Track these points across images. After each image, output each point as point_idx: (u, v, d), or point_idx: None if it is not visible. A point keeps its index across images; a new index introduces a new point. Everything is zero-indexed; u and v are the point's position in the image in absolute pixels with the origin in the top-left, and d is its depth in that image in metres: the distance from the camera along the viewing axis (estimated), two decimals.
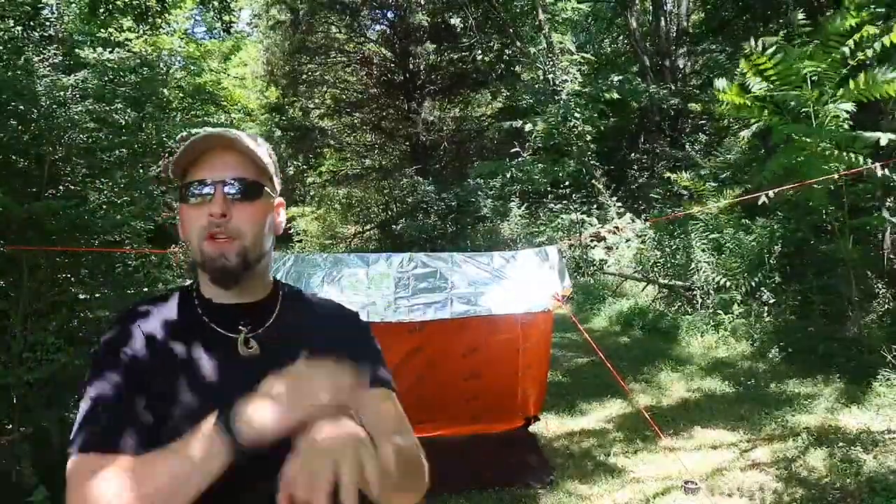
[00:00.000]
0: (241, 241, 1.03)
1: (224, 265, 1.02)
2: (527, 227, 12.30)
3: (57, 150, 3.96)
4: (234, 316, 1.08)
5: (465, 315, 3.55)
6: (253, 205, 1.05)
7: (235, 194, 1.03)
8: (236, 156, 1.05)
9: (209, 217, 1.01)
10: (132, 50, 7.76)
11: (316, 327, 1.15)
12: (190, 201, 1.04)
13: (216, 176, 1.03)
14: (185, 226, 1.05)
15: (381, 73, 19.19)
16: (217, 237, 1.02)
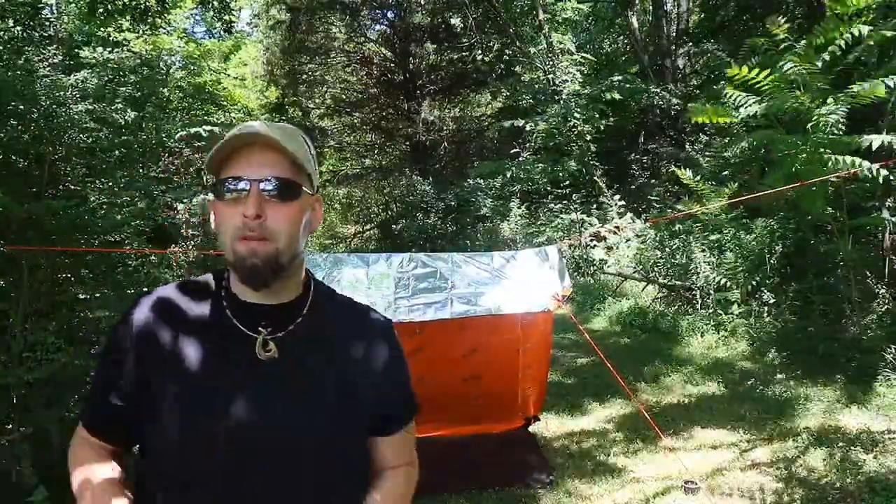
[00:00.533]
0: (275, 243, 1.00)
1: (255, 265, 0.99)
2: (527, 227, 12.30)
3: (57, 150, 3.96)
4: (258, 316, 1.05)
5: (466, 315, 3.55)
6: (289, 206, 1.02)
7: (271, 193, 1.00)
8: (274, 153, 1.02)
9: (243, 217, 0.98)
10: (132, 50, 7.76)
11: (343, 336, 1.11)
12: (225, 198, 1.01)
13: (252, 174, 1.00)
14: (218, 222, 1.03)
15: (381, 73, 19.18)
16: (250, 238, 0.99)
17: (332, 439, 1.03)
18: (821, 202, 5.38)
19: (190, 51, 10.86)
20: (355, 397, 1.07)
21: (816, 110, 5.09)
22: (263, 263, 0.99)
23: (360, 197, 20.55)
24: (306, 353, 1.05)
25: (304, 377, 1.04)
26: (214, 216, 1.05)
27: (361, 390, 1.08)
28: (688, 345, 6.87)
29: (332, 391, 1.05)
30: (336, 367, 1.07)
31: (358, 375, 1.08)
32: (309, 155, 1.08)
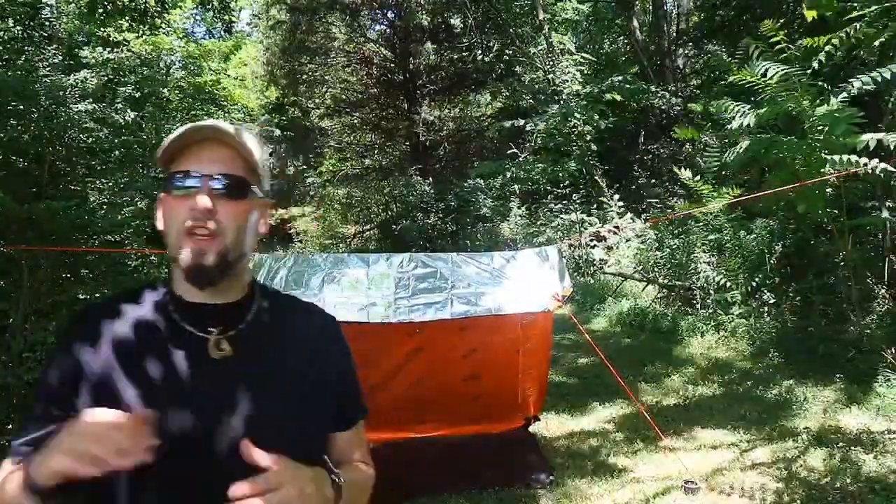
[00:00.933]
0: (222, 240, 0.98)
1: (201, 263, 0.97)
2: (527, 227, 12.30)
3: (57, 150, 3.97)
4: (206, 316, 1.02)
5: (466, 315, 3.55)
6: (238, 203, 1.01)
7: (221, 190, 0.99)
8: (227, 150, 1.01)
9: (191, 211, 0.97)
10: (132, 50, 7.76)
11: (293, 333, 1.10)
12: (173, 192, 0.99)
13: (203, 169, 0.99)
14: (166, 217, 1.01)
15: (381, 73, 19.19)
16: (198, 233, 0.97)
17: (294, 436, 1.00)
18: (820, 203, 5.39)
19: (190, 51, 10.85)
20: (312, 393, 1.07)
21: (815, 110, 5.09)
22: (210, 261, 0.97)
23: (360, 197, 20.54)
24: (260, 350, 1.04)
25: (262, 374, 1.03)
26: (162, 211, 1.03)
27: (317, 386, 1.08)
28: (688, 345, 6.86)
29: (291, 387, 1.04)
30: (291, 364, 1.06)
31: (312, 372, 1.08)
32: (263, 157, 1.06)
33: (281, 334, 1.08)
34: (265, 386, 1.02)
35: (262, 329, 1.06)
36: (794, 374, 5.48)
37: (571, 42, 13.63)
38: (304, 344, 1.10)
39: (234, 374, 1.00)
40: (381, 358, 3.94)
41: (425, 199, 14.90)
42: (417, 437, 4.38)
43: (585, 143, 11.88)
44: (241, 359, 1.01)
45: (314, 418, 1.07)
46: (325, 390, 1.09)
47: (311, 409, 1.06)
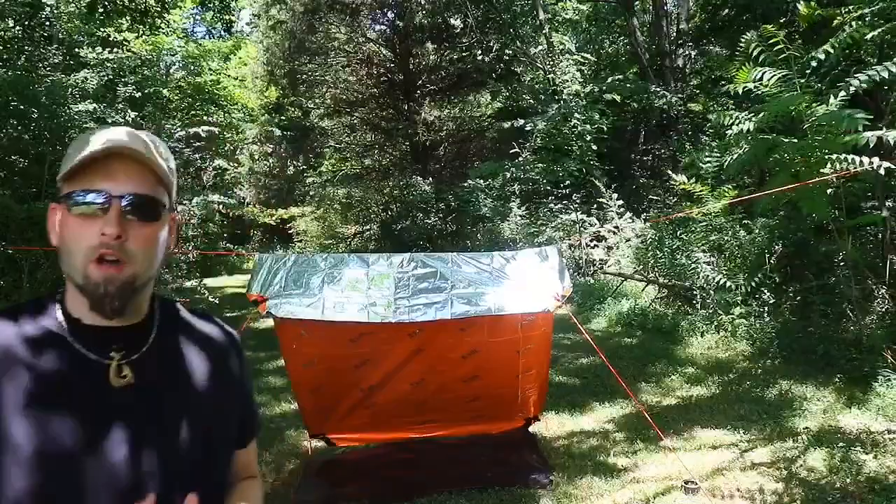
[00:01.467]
0: (133, 267, 0.91)
1: (108, 292, 0.90)
2: (527, 227, 12.30)
3: (57, 150, 3.96)
4: (105, 339, 0.93)
5: (466, 315, 3.55)
6: (151, 226, 0.93)
7: (134, 211, 0.91)
8: (139, 166, 0.92)
9: (101, 236, 0.89)
10: (132, 50, 7.76)
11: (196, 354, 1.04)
12: (77, 210, 0.90)
13: (114, 188, 0.90)
14: (66, 237, 0.91)
15: (381, 73, 19.19)
16: (107, 259, 0.89)
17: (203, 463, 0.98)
18: (822, 203, 5.39)
19: (190, 50, 10.86)
20: (217, 416, 1.03)
21: (814, 109, 5.09)
22: (119, 290, 0.90)
23: (360, 197, 20.56)
24: (163, 375, 0.98)
25: (167, 401, 0.97)
26: (58, 228, 0.94)
27: (221, 408, 1.04)
28: (688, 345, 6.87)
29: (196, 412, 0.99)
30: (195, 388, 1.01)
31: (216, 394, 1.03)
32: (172, 168, 0.98)
33: (184, 356, 1.02)
34: (171, 414, 0.96)
35: (165, 351, 0.99)
36: (794, 374, 5.48)
37: (571, 42, 13.62)
38: (207, 365, 1.04)
39: (138, 403, 0.93)
40: (381, 358, 3.94)
41: (425, 199, 14.90)
42: (417, 437, 4.38)
43: (585, 143, 11.88)
44: (143, 385, 0.94)
45: (220, 441, 1.03)
46: (230, 412, 1.06)
47: (217, 432, 1.02)
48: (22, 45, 4.90)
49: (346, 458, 4.37)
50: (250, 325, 5.71)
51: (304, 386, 3.96)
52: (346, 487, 3.85)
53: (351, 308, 3.45)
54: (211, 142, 10.05)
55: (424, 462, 4.15)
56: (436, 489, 3.67)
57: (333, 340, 3.77)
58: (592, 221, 10.83)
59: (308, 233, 21.88)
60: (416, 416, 4.28)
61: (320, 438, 4.36)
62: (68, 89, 4.19)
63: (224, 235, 14.79)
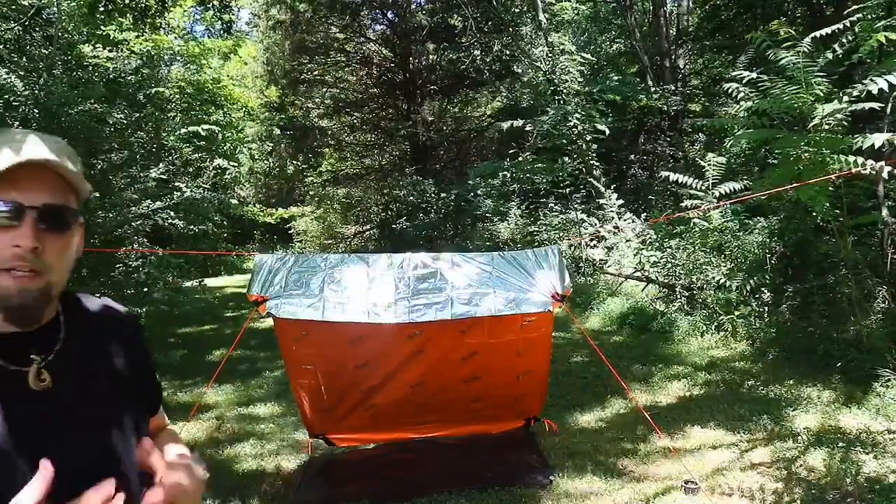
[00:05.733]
0: (47, 277, 0.90)
1: (23, 303, 0.88)
2: (527, 227, 12.30)
3: None
4: (17, 345, 0.91)
5: (466, 316, 3.55)
6: (64, 236, 0.93)
7: (48, 223, 0.89)
8: (49, 175, 0.90)
9: (14, 248, 0.87)
10: (132, 49, 7.76)
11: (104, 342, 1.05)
12: None
13: (26, 199, 0.88)
14: None
15: (381, 73, 19.21)
16: (20, 272, 0.87)
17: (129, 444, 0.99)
18: (824, 200, 5.37)
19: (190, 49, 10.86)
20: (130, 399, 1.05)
21: (818, 108, 5.09)
22: (35, 300, 0.90)
23: (360, 197, 20.56)
24: (78, 372, 0.97)
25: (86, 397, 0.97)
26: None
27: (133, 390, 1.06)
28: (687, 345, 6.87)
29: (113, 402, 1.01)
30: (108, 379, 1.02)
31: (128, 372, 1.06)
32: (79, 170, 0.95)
33: (93, 348, 1.03)
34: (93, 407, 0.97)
35: (75, 347, 0.99)
36: (794, 374, 5.48)
37: (571, 42, 13.60)
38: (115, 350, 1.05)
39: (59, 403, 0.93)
40: (381, 359, 3.94)
41: (425, 199, 14.90)
42: (417, 437, 4.38)
43: (585, 143, 11.88)
44: (61, 385, 0.93)
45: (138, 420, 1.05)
46: (140, 387, 1.09)
47: (134, 414, 1.04)
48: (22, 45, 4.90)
49: (346, 458, 4.37)
50: (250, 325, 5.71)
51: (304, 386, 3.96)
52: (346, 487, 3.86)
53: (351, 309, 3.45)
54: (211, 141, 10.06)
55: (424, 462, 4.15)
56: (436, 489, 3.68)
57: (333, 341, 3.77)
58: (592, 221, 10.82)
59: (308, 233, 21.88)
60: (416, 416, 4.28)
61: (320, 438, 4.36)
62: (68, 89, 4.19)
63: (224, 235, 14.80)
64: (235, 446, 4.57)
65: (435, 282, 3.60)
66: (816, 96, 5.09)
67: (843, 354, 5.34)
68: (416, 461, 4.17)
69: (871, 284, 5.71)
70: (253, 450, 4.48)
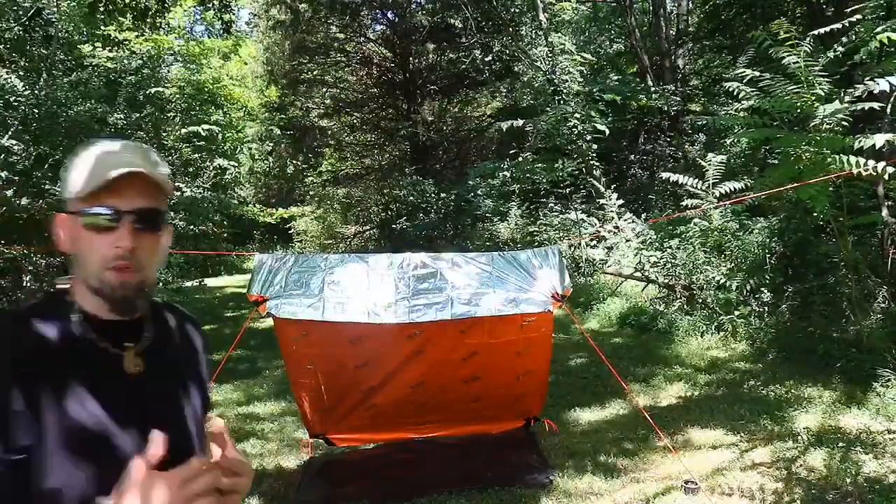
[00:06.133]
0: (142, 273, 1.04)
1: (125, 296, 1.02)
2: (527, 227, 12.29)
3: (57, 151, 3.97)
4: (118, 332, 1.05)
5: (466, 316, 3.55)
6: (156, 236, 1.05)
7: (143, 225, 1.02)
8: (144, 183, 1.02)
9: (115, 249, 1.00)
10: (133, 49, 7.76)
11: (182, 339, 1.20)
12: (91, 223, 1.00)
13: (124, 205, 1.00)
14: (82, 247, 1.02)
15: (381, 73, 19.20)
16: (121, 268, 1.00)
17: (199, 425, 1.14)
18: (824, 200, 5.37)
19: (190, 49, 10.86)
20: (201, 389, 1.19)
21: (819, 108, 5.09)
22: (133, 293, 1.03)
23: (360, 197, 20.56)
24: (165, 360, 1.11)
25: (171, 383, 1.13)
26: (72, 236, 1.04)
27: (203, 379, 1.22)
28: (687, 345, 6.87)
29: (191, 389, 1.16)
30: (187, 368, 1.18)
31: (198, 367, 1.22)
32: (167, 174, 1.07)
33: (175, 342, 1.18)
34: (176, 393, 1.12)
35: (162, 340, 1.13)
36: (794, 374, 5.48)
37: (571, 42, 13.61)
38: (189, 346, 1.22)
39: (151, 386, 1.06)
40: (381, 359, 3.94)
41: (425, 199, 14.90)
42: (417, 437, 4.38)
43: (585, 143, 11.88)
44: (151, 371, 1.06)
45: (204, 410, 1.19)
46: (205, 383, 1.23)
47: (201, 403, 1.18)
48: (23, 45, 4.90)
49: (346, 458, 4.37)
50: (250, 325, 5.71)
51: (304, 386, 3.96)
52: (346, 487, 3.86)
53: (351, 309, 3.45)
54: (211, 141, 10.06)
55: (424, 462, 4.15)
56: (436, 489, 3.68)
57: (334, 341, 3.77)
58: (592, 221, 10.82)
59: (308, 233, 21.89)
60: (416, 416, 4.28)
61: (320, 438, 4.36)
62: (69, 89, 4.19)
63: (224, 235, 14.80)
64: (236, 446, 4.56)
65: (435, 282, 3.60)
66: (817, 96, 5.09)
67: (843, 354, 5.34)
68: (416, 461, 4.17)
69: (871, 284, 5.71)
70: (253, 449, 4.48)
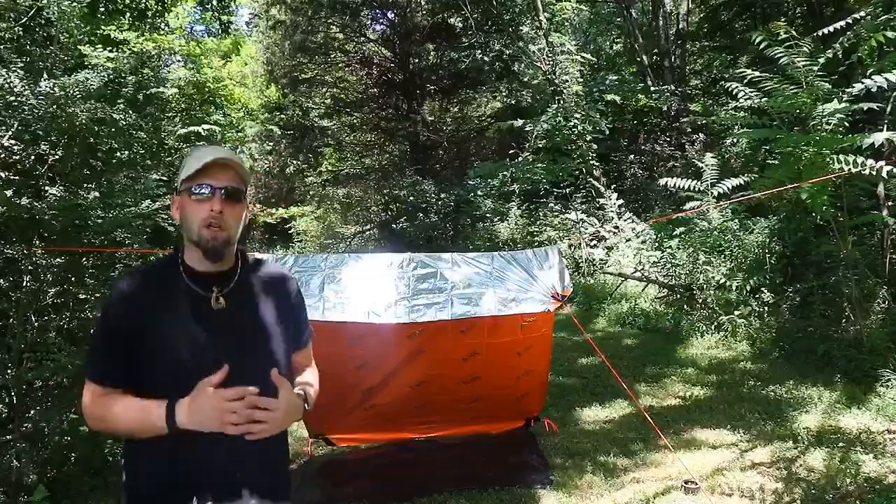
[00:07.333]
0: (228, 231, 1.50)
1: (215, 246, 1.49)
2: (527, 227, 12.29)
3: (57, 150, 3.96)
4: (209, 280, 1.53)
5: (466, 316, 3.55)
6: (237, 206, 1.53)
7: (228, 197, 1.51)
8: (231, 170, 1.53)
9: (209, 211, 1.48)
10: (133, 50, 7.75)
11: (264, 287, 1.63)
12: (195, 197, 1.50)
13: (217, 184, 1.50)
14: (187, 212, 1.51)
15: (381, 73, 19.18)
16: (213, 226, 1.48)
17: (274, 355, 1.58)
18: (824, 200, 5.38)
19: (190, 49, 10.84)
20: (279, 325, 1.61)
21: (819, 108, 5.08)
22: (220, 244, 1.50)
23: (360, 197, 20.53)
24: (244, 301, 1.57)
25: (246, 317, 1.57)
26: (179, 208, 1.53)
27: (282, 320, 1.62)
28: (688, 345, 6.87)
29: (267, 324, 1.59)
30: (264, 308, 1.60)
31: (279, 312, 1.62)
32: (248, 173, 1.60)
33: (256, 288, 1.61)
34: (251, 325, 1.57)
35: (244, 286, 1.59)
36: (794, 374, 5.48)
37: (571, 42, 13.59)
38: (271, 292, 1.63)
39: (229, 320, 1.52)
40: (382, 359, 3.93)
41: (425, 200, 14.89)
42: (418, 437, 4.38)
43: (585, 143, 11.87)
44: (231, 309, 1.53)
45: (282, 341, 1.61)
46: (287, 323, 1.64)
47: (281, 336, 1.61)
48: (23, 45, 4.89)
49: (346, 458, 4.37)
50: None
51: None
52: (346, 487, 3.85)
53: (351, 309, 3.45)
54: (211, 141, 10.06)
55: (424, 462, 4.15)
56: (436, 489, 3.68)
57: (333, 341, 3.76)
58: (592, 221, 10.82)
59: (308, 232, 21.85)
60: (416, 416, 4.28)
61: (320, 438, 4.36)
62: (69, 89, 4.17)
63: None
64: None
65: (435, 282, 3.60)
66: (816, 96, 5.09)
67: (844, 354, 5.34)
68: (416, 461, 4.17)
69: (871, 284, 5.71)
70: None
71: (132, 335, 1.45)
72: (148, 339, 1.46)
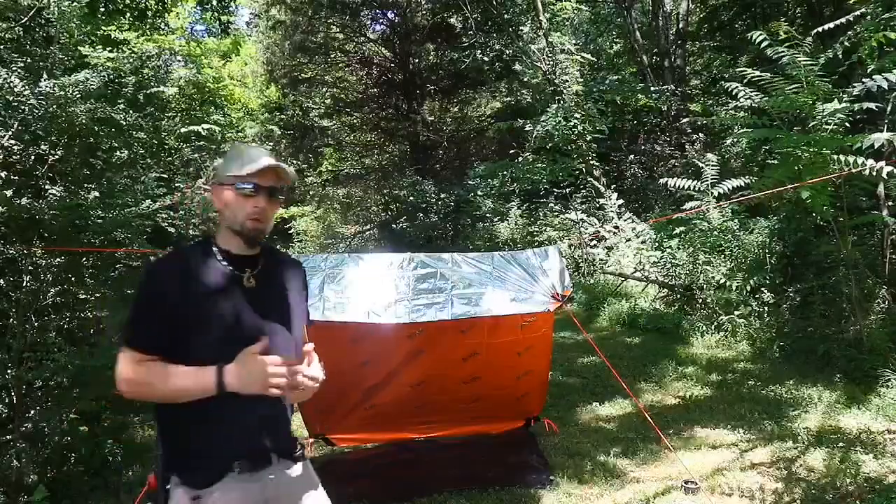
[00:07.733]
0: (266, 224, 1.76)
1: (256, 237, 1.75)
2: (527, 227, 12.29)
3: (57, 150, 3.97)
4: (240, 262, 1.76)
5: (466, 316, 3.55)
6: (277, 203, 1.79)
7: (271, 196, 1.75)
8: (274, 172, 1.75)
9: (254, 207, 1.72)
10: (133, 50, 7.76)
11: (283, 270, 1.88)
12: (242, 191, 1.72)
13: (264, 183, 1.73)
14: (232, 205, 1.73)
15: (381, 73, 19.20)
16: (257, 220, 1.72)
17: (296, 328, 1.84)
18: (824, 199, 5.38)
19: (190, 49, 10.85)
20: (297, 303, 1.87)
21: (819, 108, 5.08)
22: (258, 234, 1.75)
23: (360, 197, 20.54)
24: (270, 281, 1.81)
25: (273, 295, 1.81)
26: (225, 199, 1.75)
27: (299, 300, 1.89)
28: (688, 345, 6.87)
29: (289, 301, 1.84)
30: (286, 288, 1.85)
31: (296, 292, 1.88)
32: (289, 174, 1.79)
33: (278, 271, 1.86)
34: (277, 302, 1.81)
35: (269, 269, 1.82)
36: (794, 374, 5.48)
37: (571, 42, 13.59)
38: (289, 275, 1.88)
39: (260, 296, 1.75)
40: (382, 359, 3.94)
41: (425, 200, 14.90)
42: (418, 437, 4.38)
43: (585, 143, 11.87)
44: (260, 287, 1.76)
45: (300, 317, 1.88)
46: (303, 302, 1.93)
47: (299, 312, 1.88)
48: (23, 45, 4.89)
49: (346, 458, 4.37)
50: None
51: None
52: (346, 487, 3.85)
53: (351, 309, 3.45)
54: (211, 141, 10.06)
55: (424, 462, 4.15)
56: (436, 489, 3.68)
57: (333, 341, 3.75)
58: (592, 221, 10.82)
59: (308, 233, 21.86)
60: (416, 416, 4.28)
61: (320, 438, 4.36)
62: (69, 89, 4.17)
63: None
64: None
65: (435, 282, 3.59)
66: (817, 96, 5.09)
67: (844, 354, 5.34)
68: (416, 461, 4.17)
69: (871, 284, 5.71)
70: None
71: (174, 306, 1.62)
72: (191, 310, 1.64)
